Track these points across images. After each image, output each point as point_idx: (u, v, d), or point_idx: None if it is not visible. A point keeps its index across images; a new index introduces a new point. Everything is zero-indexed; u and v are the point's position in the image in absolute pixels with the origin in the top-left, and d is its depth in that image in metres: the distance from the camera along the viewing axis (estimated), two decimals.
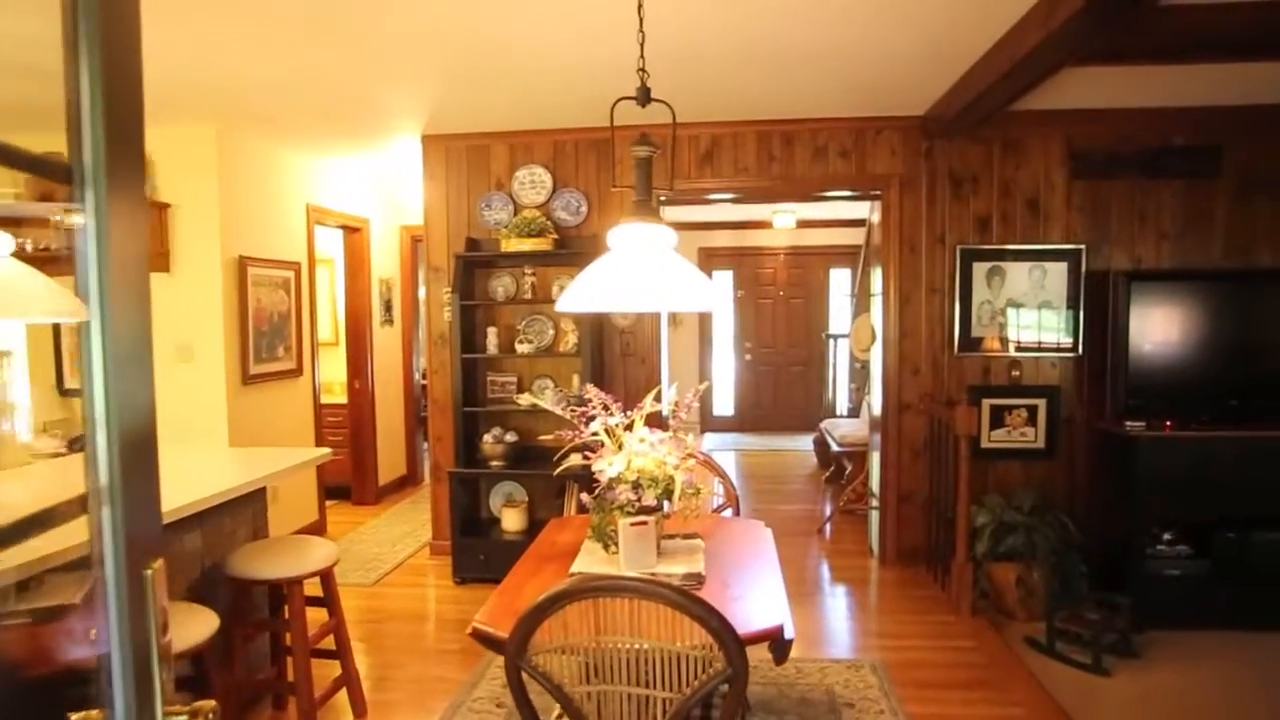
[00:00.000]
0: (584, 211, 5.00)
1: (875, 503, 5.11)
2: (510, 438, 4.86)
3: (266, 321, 5.30)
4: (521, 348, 4.86)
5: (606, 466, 2.31)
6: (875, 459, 5.11)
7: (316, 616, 3.16)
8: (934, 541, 4.71)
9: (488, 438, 4.84)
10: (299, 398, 5.73)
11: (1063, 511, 4.50)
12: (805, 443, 8.83)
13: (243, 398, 5.07)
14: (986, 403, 4.76)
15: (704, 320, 10.38)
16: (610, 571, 2.29)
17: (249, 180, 5.15)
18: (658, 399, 2.51)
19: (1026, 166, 4.72)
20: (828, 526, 5.84)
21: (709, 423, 10.48)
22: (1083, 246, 4.67)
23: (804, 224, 9.57)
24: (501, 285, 4.99)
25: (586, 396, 2.57)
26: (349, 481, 6.85)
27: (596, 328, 4.95)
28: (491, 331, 4.94)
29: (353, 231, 6.62)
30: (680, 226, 9.92)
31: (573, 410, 2.48)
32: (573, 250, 4.79)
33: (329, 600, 3.22)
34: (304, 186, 5.77)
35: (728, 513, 3.24)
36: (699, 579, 2.23)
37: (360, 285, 6.73)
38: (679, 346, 10.31)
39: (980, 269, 4.74)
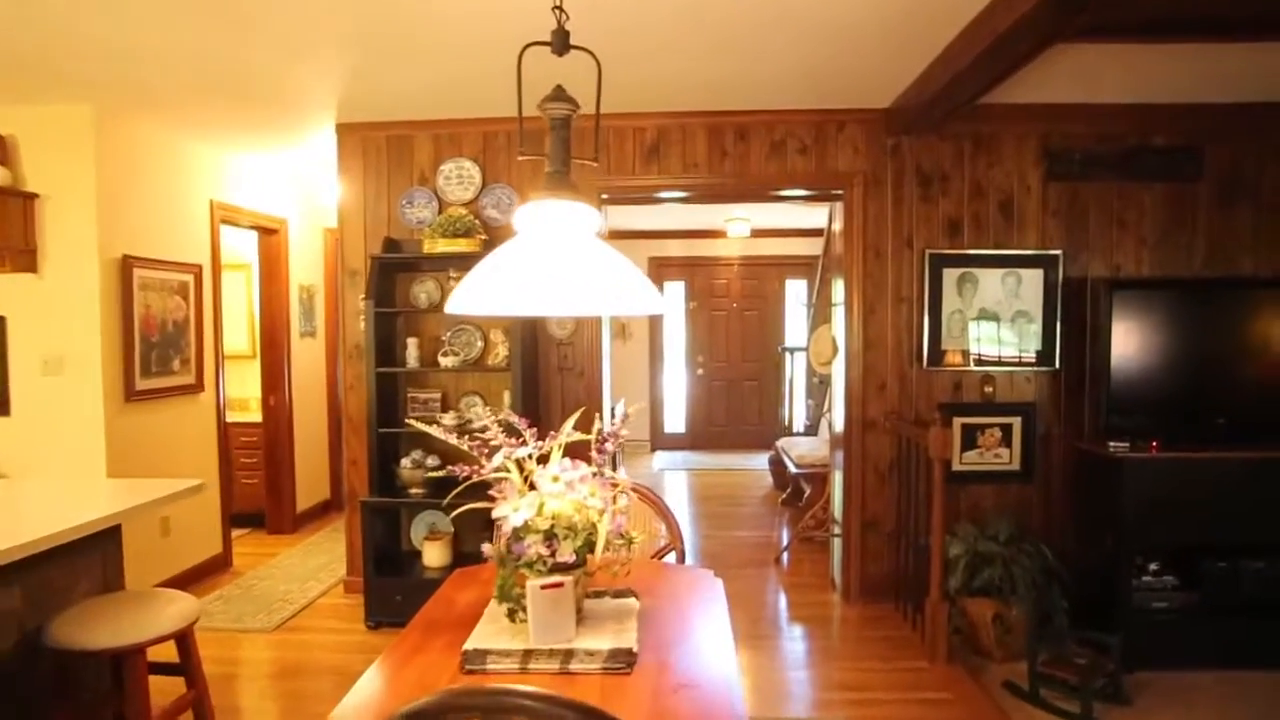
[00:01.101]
0: (515, 208, 4.49)
1: (837, 529, 4.67)
2: (432, 462, 4.32)
3: (158, 330, 4.69)
4: (445, 361, 4.33)
5: (510, 513, 1.81)
6: (837, 481, 4.68)
7: (174, 687, 2.59)
8: (903, 574, 4.29)
9: (406, 462, 4.29)
10: (199, 416, 5.10)
11: (1041, 539, 4.11)
12: (761, 461, 8.40)
13: (127, 417, 4.44)
14: (958, 421, 4.37)
15: (654, 332, 9.93)
16: (515, 647, 1.78)
17: (137, 171, 4.54)
18: (581, 425, 2.02)
19: (999, 166, 4.35)
20: (785, 555, 5.39)
21: (659, 440, 10.00)
22: (1059, 252, 4.31)
23: (759, 233, 9.19)
24: (424, 291, 4.46)
25: (501, 418, 2.08)
26: (263, 508, 6.22)
27: (530, 338, 4.44)
28: (412, 343, 4.40)
29: (268, 233, 6.02)
30: (630, 235, 9.53)
31: (473, 439, 1.98)
32: None
33: (187, 668, 2.64)
34: (208, 181, 5.16)
35: (671, 557, 2.75)
36: (629, 657, 1.74)
37: (277, 292, 6.12)
38: (627, 360, 9.85)
39: (951, 276, 4.35)
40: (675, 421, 10.09)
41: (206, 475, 5.14)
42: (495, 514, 1.83)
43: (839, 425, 4.64)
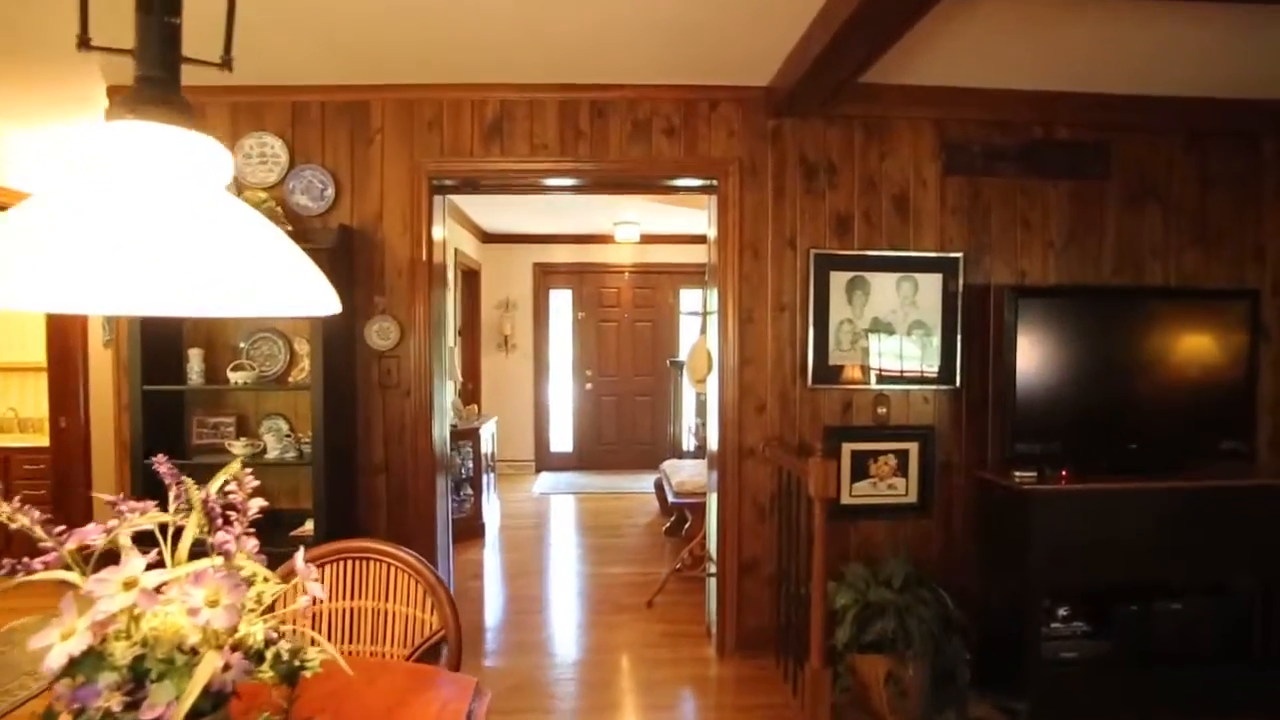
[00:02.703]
0: (330, 195, 3.73)
1: (713, 568, 4.05)
2: None
3: None
4: (236, 377, 3.52)
5: (55, 643, 1.07)
6: (712, 516, 4.06)
7: None
8: (783, 625, 3.69)
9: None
10: None
11: (940, 581, 3.58)
12: (650, 483, 7.77)
13: None
14: (848, 448, 3.81)
15: (539, 343, 9.20)
16: None
17: None
18: (224, 489, 1.31)
19: (893, 156, 3.83)
20: (660, 596, 4.74)
21: (545, 460, 9.27)
22: (960, 255, 3.82)
23: (650, 239, 8.62)
24: None
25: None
26: None
27: (344, 347, 3.68)
28: (195, 354, 3.57)
29: None
30: (511, 239, 8.76)
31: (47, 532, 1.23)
32: (314, 245, 3.51)
33: None
34: None
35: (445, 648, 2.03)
36: None
37: None
38: (509, 373, 9.10)
39: (839, 280, 3.80)
40: (562, 440, 9.38)
41: None
42: (31, 643, 1.09)
43: (715, 451, 4.03)
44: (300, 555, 1.33)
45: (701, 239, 4.27)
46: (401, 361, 3.79)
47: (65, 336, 5.17)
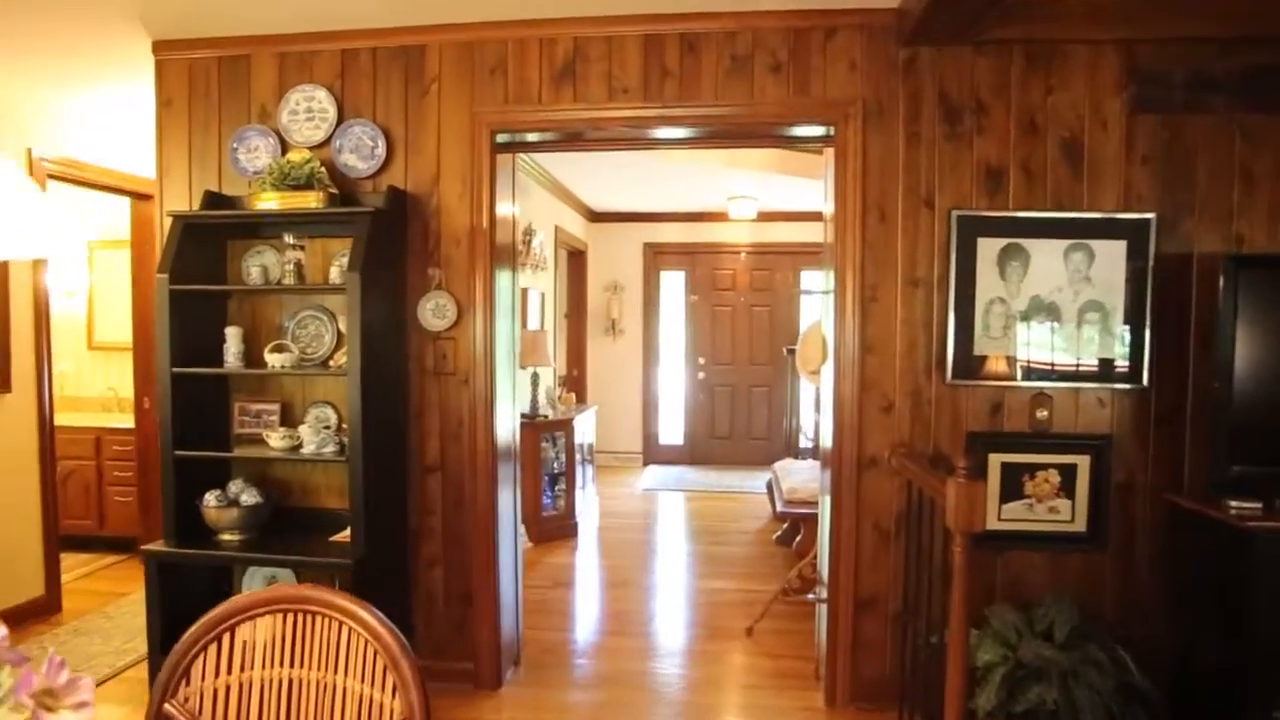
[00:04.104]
0: (380, 153, 3.27)
1: (824, 592, 3.36)
2: (249, 498, 3.11)
3: None
4: (274, 360, 3.12)
5: None
6: (824, 536, 3.37)
7: None
8: (908, 677, 2.97)
9: (209, 498, 3.08)
10: (4, 426, 3.98)
11: (1118, 637, 2.78)
12: (764, 483, 7.08)
13: None
14: (996, 459, 3.03)
15: (649, 329, 8.65)
16: None
17: None
18: None
19: (1063, 90, 3.00)
20: (762, 621, 4.08)
21: (653, 454, 8.73)
22: (1151, 216, 2.95)
23: (767, 216, 7.90)
24: (259, 264, 3.26)
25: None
26: (137, 532, 5.11)
27: (393, 327, 3.22)
28: (233, 334, 3.19)
29: (142, 199, 4.90)
30: (619, 217, 8.24)
31: None
32: (361, 209, 3.06)
33: None
34: (21, 127, 4.03)
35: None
36: None
37: (152, 270, 4.98)
38: (616, 361, 8.61)
39: (989, 249, 3.01)
40: (672, 432, 8.81)
41: (19, 497, 4.04)
42: None
43: (828, 458, 3.33)
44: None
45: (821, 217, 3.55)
46: (459, 344, 3.30)
47: (149, 314, 5.02)
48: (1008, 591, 3.04)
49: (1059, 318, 3.01)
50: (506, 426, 3.49)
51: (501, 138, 3.28)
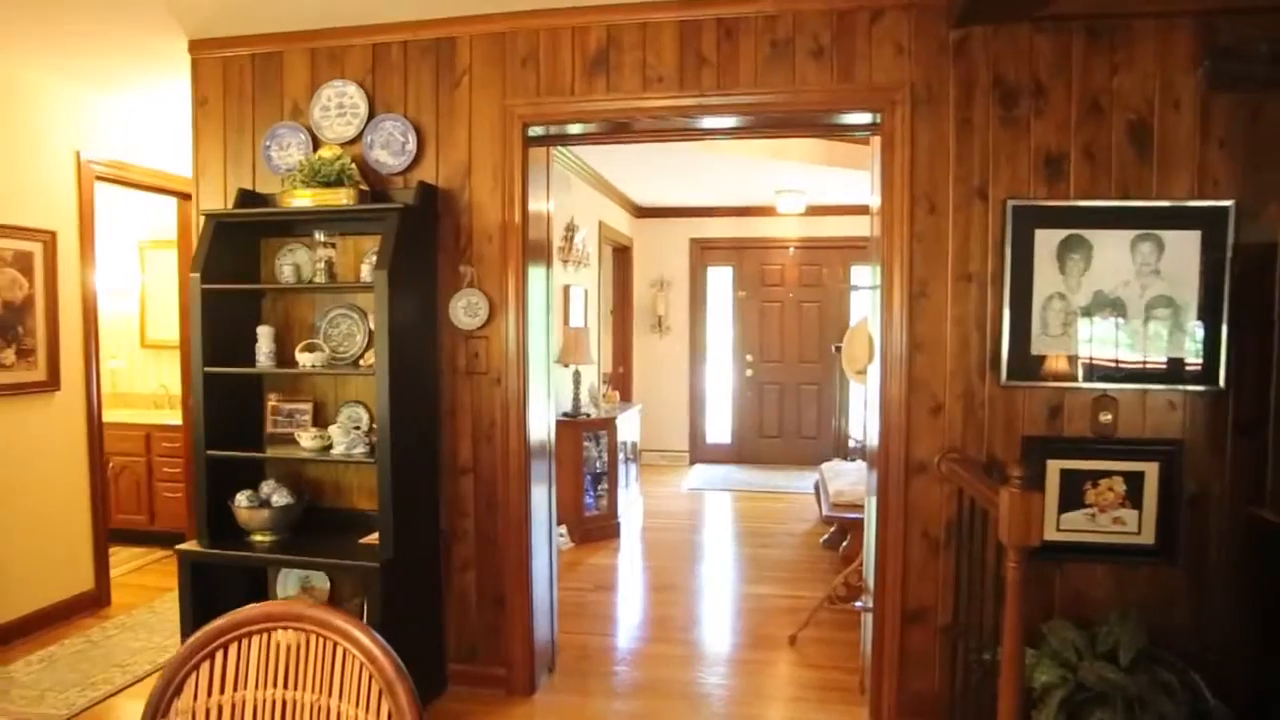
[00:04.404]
0: (411, 149, 3.21)
1: (869, 601, 3.21)
2: (280, 499, 3.08)
3: None
4: (305, 358, 3.09)
5: None
6: (870, 543, 3.21)
7: None
8: (958, 695, 2.80)
9: (241, 498, 3.06)
10: (56, 421, 4.04)
11: (1190, 661, 2.57)
12: (813, 483, 6.90)
13: None
14: (1055, 466, 2.84)
15: (696, 326, 8.52)
16: None
17: None
18: None
19: (1130, 69, 2.79)
20: (808, 629, 3.93)
21: (700, 452, 8.60)
22: (1229, 204, 2.73)
23: (816, 210, 7.70)
24: (291, 262, 3.23)
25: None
26: (186, 528, 5.17)
27: (424, 326, 3.16)
28: (264, 333, 3.17)
29: (187, 199, 4.93)
30: (666, 212, 8.11)
31: None
32: (389, 205, 3.00)
33: None
34: (68, 129, 4.08)
35: None
36: None
37: None
38: (663, 358, 8.50)
39: (1048, 241, 2.82)
40: (719, 430, 8.66)
41: (69, 492, 4.10)
42: None
43: (874, 461, 3.17)
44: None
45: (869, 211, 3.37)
46: (491, 343, 3.22)
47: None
48: (1067, 607, 2.85)
49: (1124, 313, 2.81)
50: (541, 426, 3.40)
51: (534, 130, 3.19)
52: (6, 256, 3.77)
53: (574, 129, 3.23)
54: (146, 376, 5.98)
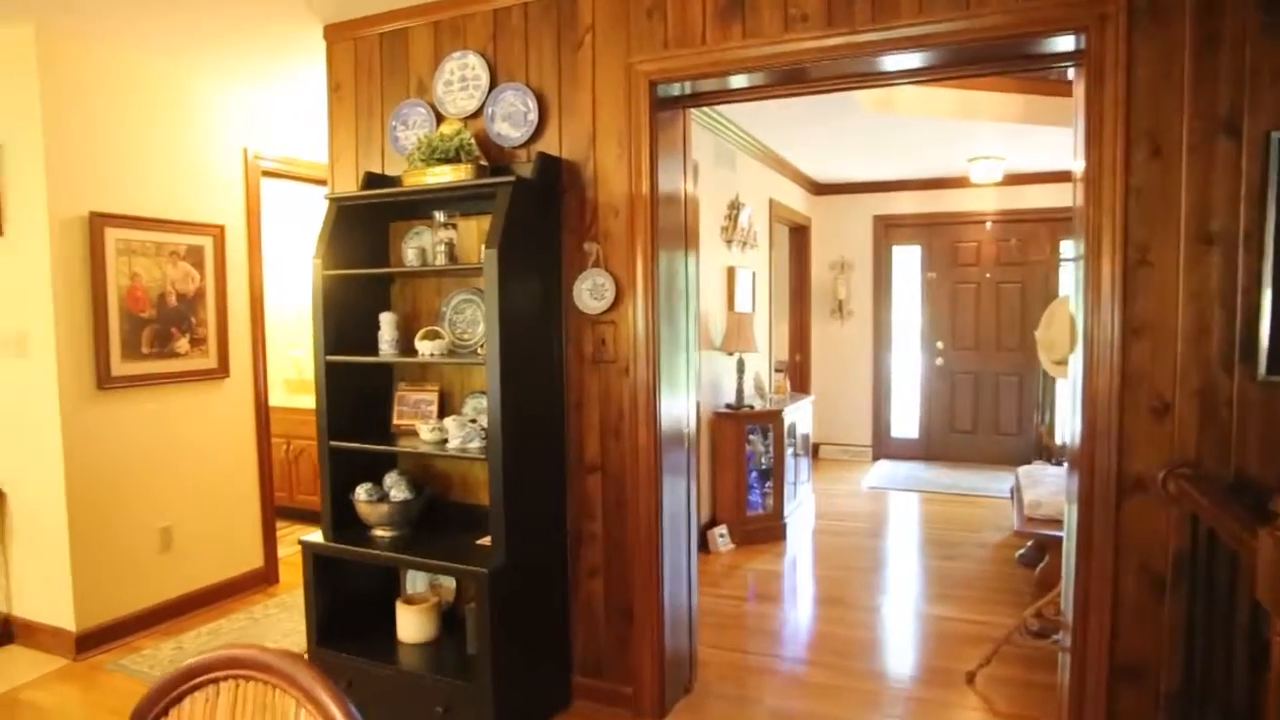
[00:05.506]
0: (533, 119, 2.96)
1: (1066, 639, 2.60)
2: (398, 493, 2.95)
3: (152, 304, 3.82)
4: (424, 346, 2.93)
5: None
6: (1069, 570, 2.60)
7: None
8: None
9: (360, 493, 2.96)
10: (225, 406, 4.21)
11: None
12: (1010, 486, 6.10)
13: (96, 409, 3.61)
14: None
15: (880, 310, 7.83)
16: None
17: (113, 108, 3.66)
18: None
19: None
20: (991, 665, 3.33)
21: (883, 447, 7.92)
22: None
23: (1016, 179, 6.83)
24: (416, 245, 3.09)
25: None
26: None
27: (545, 310, 2.90)
28: (387, 320, 3.05)
29: None
30: (846, 188, 7.45)
31: None
32: (501, 179, 2.76)
33: None
34: (236, 126, 4.23)
35: None
36: None
37: None
38: (843, 345, 7.91)
39: None
40: (905, 424, 7.93)
41: (237, 476, 4.28)
42: None
43: (1074, 473, 2.55)
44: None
45: None
46: (618, 328, 2.92)
47: None
48: None
49: None
50: (677, 420, 3.07)
51: (663, 91, 2.84)
52: (180, 250, 3.94)
53: (707, 85, 2.84)
54: None
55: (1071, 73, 2.52)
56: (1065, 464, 5.41)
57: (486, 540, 2.81)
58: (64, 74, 3.47)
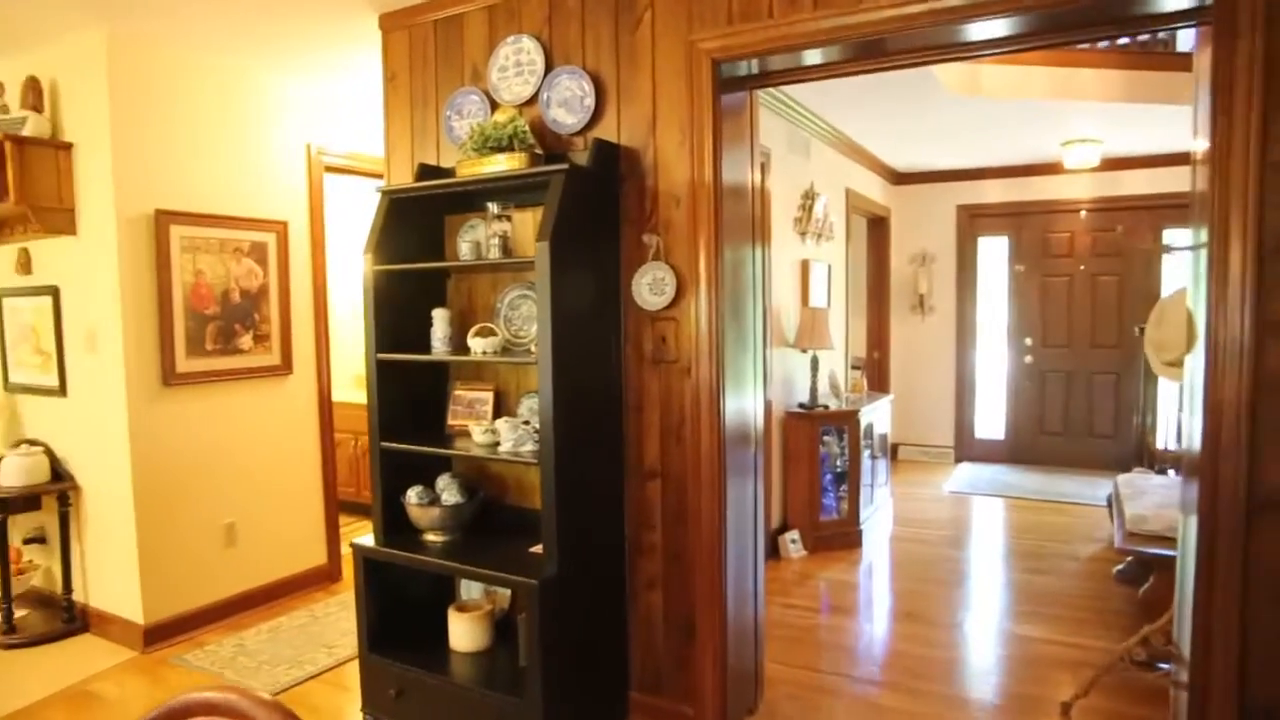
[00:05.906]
0: (590, 104, 2.81)
1: (1182, 674, 2.31)
2: (450, 497, 2.84)
3: (216, 301, 3.82)
4: (477, 344, 2.81)
5: None
6: (1185, 595, 2.31)
7: None
8: None
9: (411, 496, 2.86)
10: (289, 403, 4.21)
11: None
12: (1106, 493, 5.68)
13: (162, 405, 3.63)
14: None
15: (964, 305, 7.45)
16: None
17: (178, 107, 3.66)
18: None
19: None
20: (1090, 695, 3.02)
21: (967, 449, 7.53)
22: None
23: (1114, 163, 6.39)
24: (470, 239, 2.97)
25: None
26: None
27: (602, 305, 2.75)
28: (440, 316, 2.94)
29: None
30: (928, 177, 7.04)
31: None
32: (554, 167, 2.60)
33: None
34: (299, 122, 4.20)
35: None
36: None
37: None
38: (924, 341, 7.56)
39: None
40: (991, 425, 7.52)
41: (300, 472, 4.27)
42: None
43: (1191, 488, 2.26)
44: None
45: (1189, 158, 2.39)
46: (680, 326, 2.74)
47: None
48: None
49: None
50: (744, 423, 2.88)
51: (728, 70, 2.65)
52: (244, 247, 3.94)
53: (775, 63, 2.64)
54: None
55: (1192, 37, 2.22)
56: (1173, 472, 5.02)
57: (539, 548, 2.68)
58: (130, 75, 3.48)
